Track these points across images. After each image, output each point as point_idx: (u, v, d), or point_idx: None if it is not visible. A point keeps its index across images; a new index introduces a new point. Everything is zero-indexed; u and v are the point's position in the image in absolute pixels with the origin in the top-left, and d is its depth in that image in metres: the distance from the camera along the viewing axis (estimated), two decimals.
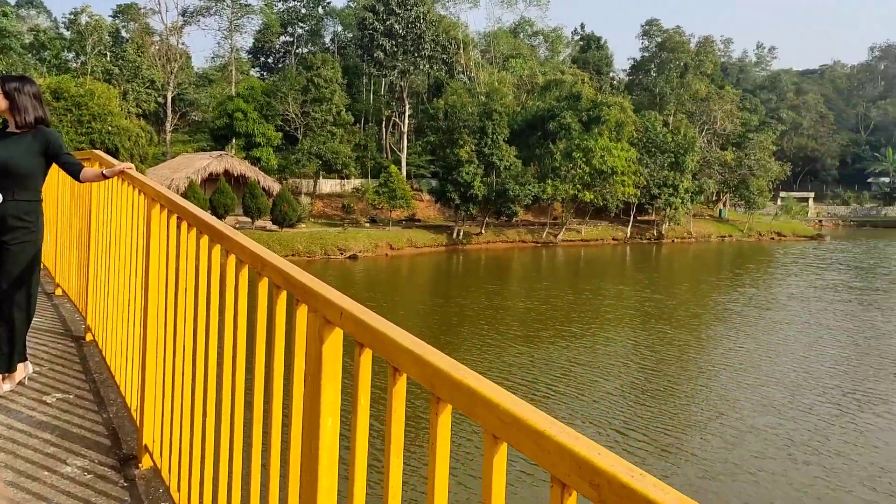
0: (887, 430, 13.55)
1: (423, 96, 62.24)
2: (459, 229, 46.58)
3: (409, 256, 41.32)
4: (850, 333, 22.29)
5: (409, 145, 55.93)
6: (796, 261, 43.73)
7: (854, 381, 16.77)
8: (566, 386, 16.01)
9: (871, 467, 11.82)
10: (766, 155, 62.10)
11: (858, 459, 12.12)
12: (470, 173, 44.34)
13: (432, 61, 55.85)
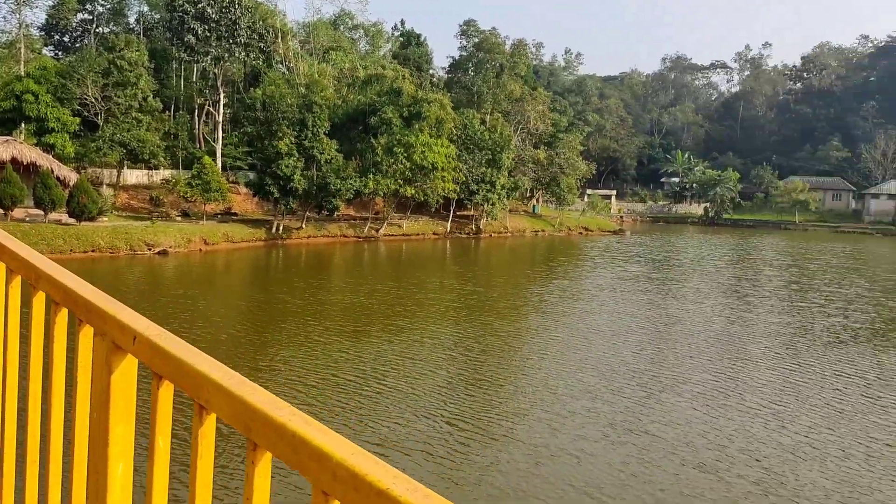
0: (689, 409, 14.58)
1: (239, 85, 59.73)
2: (279, 224, 45.18)
3: (225, 252, 39.42)
4: (652, 320, 23.97)
5: (224, 136, 53.43)
6: (602, 254, 46.65)
7: (657, 365, 17.98)
8: (396, 380, 15.83)
9: (678, 443, 12.64)
10: (575, 154, 65.85)
11: (665, 436, 12.91)
12: (290, 166, 43.09)
13: (248, 49, 53.68)
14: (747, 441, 12.82)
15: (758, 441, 12.83)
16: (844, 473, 11.55)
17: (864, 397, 15.83)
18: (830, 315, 25.94)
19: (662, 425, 13.52)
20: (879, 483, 11.26)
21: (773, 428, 13.55)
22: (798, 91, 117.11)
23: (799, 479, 11.27)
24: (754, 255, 51.10)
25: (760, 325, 23.66)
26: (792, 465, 11.79)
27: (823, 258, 50.29)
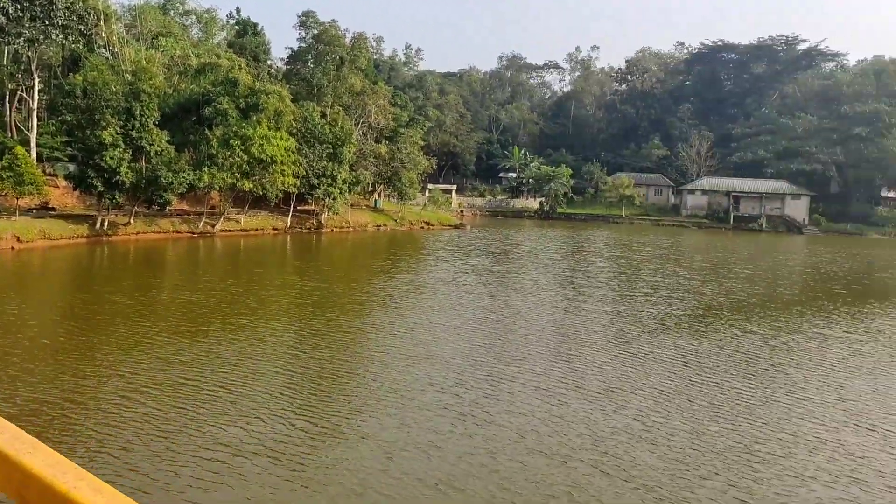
0: (533, 398, 14.96)
1: (56, 70, 54.95)
2: (104, 219, 42.04)
3: (42, 250, 36.15)
4: (494, 312, 24.51)
5: (40, 124, 48.93)
6: (444, 248, 47.32)
7: (502, 356, 18.36)
8: (238, 380, 15.08)
9: (524, 431, 12.92)
10: (416, 149, 66.39)
11: (512, 425, 13.15)
12: (115, 158, 40.17)
13: (67, 31, 49.39)
14: (586, 425, 13.34)
15: (596, 425, 13.38)
16: (672, 451, 12.27)
17: (686, 379, 16.97)
18: (656, 303, 27.72)
19: (508, 415, 13.78)
20: (703, 458, 12.04)
21: (609, 412, 14.18)
22: (623, 92, 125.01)
23: (634, 460, 11.83)
24: (587, 247, 53.84)
25: (595, 315, 24.85)
26: (626, 447, 12.36)
27: (647, 250, 53.88)
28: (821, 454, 12.40)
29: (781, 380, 17.24)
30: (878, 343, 22.44)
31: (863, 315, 27.71)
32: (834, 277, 41.86)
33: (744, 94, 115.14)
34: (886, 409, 15.32)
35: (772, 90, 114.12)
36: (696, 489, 10.85)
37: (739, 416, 14.28)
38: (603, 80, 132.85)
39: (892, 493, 10.92)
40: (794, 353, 20.33)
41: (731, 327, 23.68)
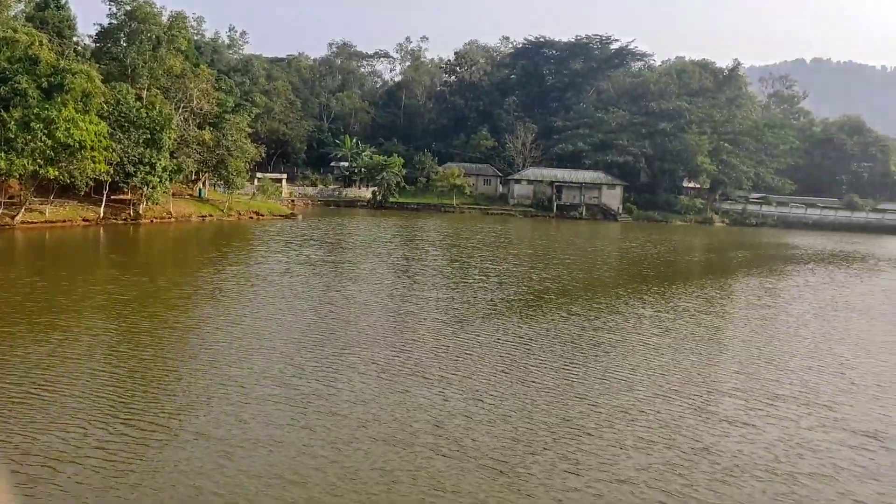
0: (374, 386, 14.79)
1: None
2: None
3: None
4: (332, 302, 24.06)
5: None
6: (276, 238, 45.95)
7: (341, 346, 18.03)
8: (50, 383, 13.67)
9: (366, 419, 12.74)
10: (243, 136, 63.83)
11: (353, 414, 12.93)
12: None
13: None
14: (426, 410, 13.36)
15: (435, 409, 13.44)
16: (507, 430, 12.57)
17: (518, 361, 17.50)
18: (488, 289, 28.45)
19: (350, 404, 13.52)
20: (535, 435, 12.42)
21: (448, 396, 14.31)
22: (453, 83, 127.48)
23: (473, 441, 11.99)
24: (420, 236, 54.40)
25: (430, 302, 25.07)
26: (465, 429, 12.51)
27: (478, 238, 55.35)
28: (638, 424, 13.21)
29: (603, 358, 18.24)
30: (684, 321, 24.36)
31: (671, 295, 30.02)
32: (645, 261, 45.13)
33: (564, 89, 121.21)
34: (689, 380, 16.61)
35: (588, 86, 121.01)
36: (530, 464, 11.18)
37: (567, 394, 14.92)
38: (433, 70, 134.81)
39: (700, 455, 11.81)
40: (613, 332, 21.59)
41: (557, 310, 24.76)
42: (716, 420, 13.72)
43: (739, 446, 12.39)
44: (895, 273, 46.67)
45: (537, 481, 10.65)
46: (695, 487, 10.66)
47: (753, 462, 11.71)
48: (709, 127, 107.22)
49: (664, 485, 10.67)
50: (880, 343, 22.25)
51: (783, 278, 39.83)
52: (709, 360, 18.99)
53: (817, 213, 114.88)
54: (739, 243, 67.97)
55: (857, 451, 12.38)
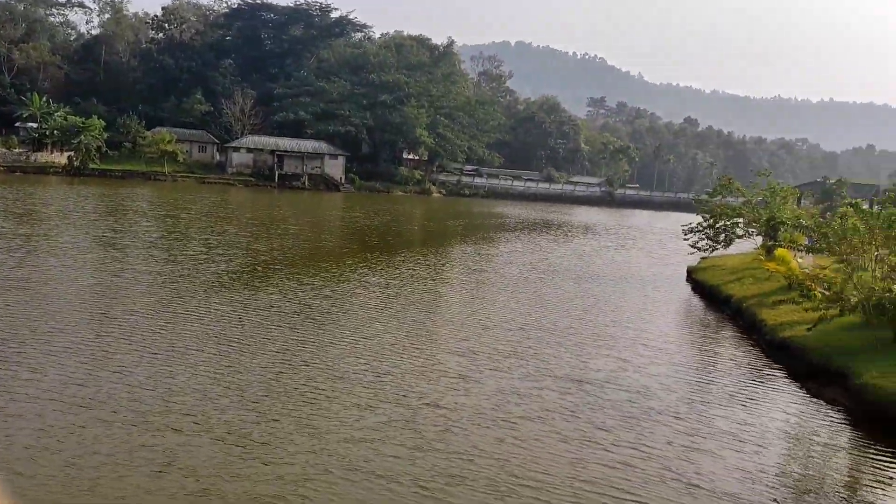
0: (86, 368, 13.11)
1: None
2: None
3: None
4: (23, 280, 21.00)
5: None
6: None
7: (34, 328, 15.79)
8: None
9: (84, 400, 11.22)
10: None
11: (67, 394, 11.34)
12: None
13: None
14: (158, 388, 12.14)
15: (162, 386, 12.28)
16: (248, 401, 11.91)
17: (251, 331, 16.72)
18: (212, 261, 26.91)
19: (64, 386, 11.82)
20: (275, 402, 11.92)
21: (179, 373, 13.16)
22: (161, 41, 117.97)
23: (207, 414, 11.15)
24: (128, 205, 49.95)
25: (147, 276, 23.04)
26: (201, 405, 11.64)
27: (195, 208, 52.27)
28: (374, 385, 13.33)
29: (336, 325, 18.13)
30: (411, 286, 25.17)
31: (397, 263, 30.88)
32: (370, 231, 46.01)
33: (284, 55, 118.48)
34: (418, 341, 17.18)
35: (309, 53, 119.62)
36: (273, 432, 10.73)
37: (302, 362, 14.57)
38: (138, 25, 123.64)
39: (430, 409, 12.19)
40: (345, 299, 21.60)
41: (287, 280, 24.17)
42: (442, 377, 14.27)
43: (464, 399, 13.01)
44: (584, 238, 52.70)
45: (275, 448, 10.22)
46: (426, 439, 10.95)
47: (476, 411, 12.35)
48: (426, 101, 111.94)
49: (399, 440, 10.84)
50: (577, 300, 24.88)
51: (496, 245, 42.99)
52: (434, 322, 19.76)
53: (522, 185, 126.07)
54: (455, 213, 72.24)
55: (562, 394, 13.63)
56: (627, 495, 9.49)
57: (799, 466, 11.18)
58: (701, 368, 16.78)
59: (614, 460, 10.62)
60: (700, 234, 35.98)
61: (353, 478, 9.56)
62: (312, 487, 9.22)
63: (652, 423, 12.32)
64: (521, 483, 9.72)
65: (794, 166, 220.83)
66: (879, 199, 18.34)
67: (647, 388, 14.45)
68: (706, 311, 25.15)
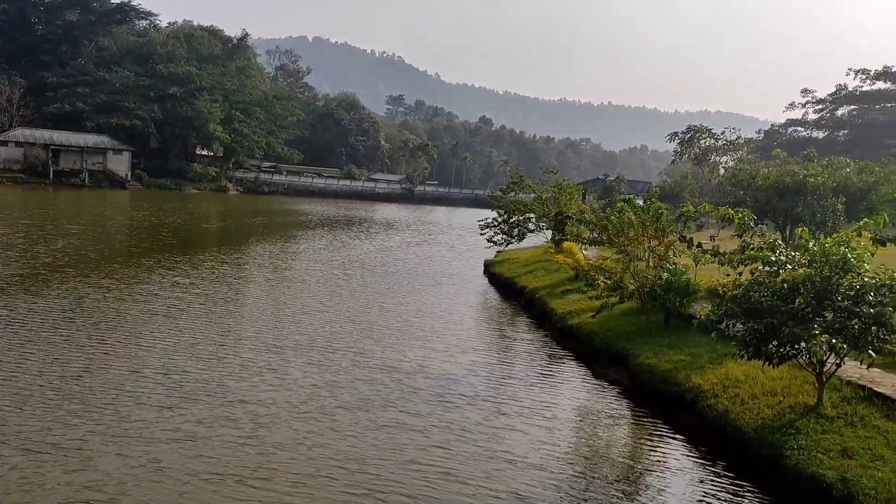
0: None
1: None
2: None
3: None
4: None
5: None
6: None
7: None
8: None
9: None
10: None
11: None
12: None
13: None
14: None
15: None
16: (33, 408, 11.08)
17: (37, 340, 15.46)
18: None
19: None
20: (69, 409, 11.20)
21: None
22: None
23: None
24: None
25: None
26: None
27: None
28: (185, 384, 12.88)
29: (146, 326, 17.22)
30: (219, 286, 24.42)
31: (199, 262, 29.73)
32: (165, 229, 43.71)
33: (58, 42, 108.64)
34: (226, 340, 16.83)
35: (87, 41, 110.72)
36: (62, 429, 10.06)
37: (110, 365, 13.74)
38: None
39: (238, 406, 12.08)
40: (150, 300, 20.52)
41: (79, 282, 22.50)
42: (253, 373, 14.13)
43: (274, 394, 12.99)
44: (387, 234, 53.66)
45: (80, 455, 9.62)
46: (243, 434, 10.84)
47: (292, 405, 12.43)
48: (220, 95, 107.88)
49: (215, 437, 10.60)
50: (381, 293, 25.46)
51: (299, 242, 42.60)
52: (241, 320, 19.38)
53: (323, 182, 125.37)
54: (255, 210, 70.42)
55: (373, 384, 14.03)
56: (446, 474, 10.08)
57: (588, 437, 12.40)
58: (499, 355, 17.92)
59: (430, 443, 11.19)
60: (495, 228, 37.95)
61: (170, 477, 9.30)
62: (130, 489, 8.85)
63: (461, 406, 13.05)
64: (344, 467, 9.98)
65: (579, 164, 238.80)
66: (649, 195, 20.58)
67: (453, 374, 15.21)
68: (502, 302, 26.71)
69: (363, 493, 9.36)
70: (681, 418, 12.84)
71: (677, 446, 11.93)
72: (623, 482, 10.38)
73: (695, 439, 12.09)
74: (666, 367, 14.18)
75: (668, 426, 12.78)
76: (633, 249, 18.40)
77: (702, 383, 12.91)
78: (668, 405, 13.38)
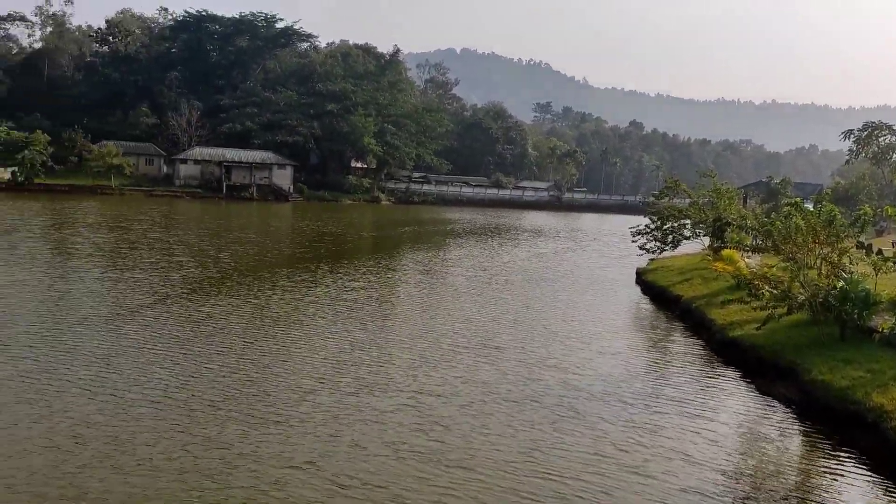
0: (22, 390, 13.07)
1: None
2: None
3: None
4: None
5: None
6: None
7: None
8: None
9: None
10: None
11: None
12: None
13: None
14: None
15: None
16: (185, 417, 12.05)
17: (238, 333, 16.77)
18: (179, 269, 26.73)
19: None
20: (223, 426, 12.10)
21: (131, 384, 13.19)
22: (105, 54, 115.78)
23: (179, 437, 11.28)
24: (78, 218, 48.99)
25: (121, 283, 22.83)
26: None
27: (147, 219, 51.52)
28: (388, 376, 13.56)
29: (348, 323, 18.30)
30: (383, 287, 25.47)
31: (362, 266, 31.12)
32: (327, 238, 46.13)
33: (230, 67, 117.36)
34: (415, 338, 17.49)
35: (255, 64, 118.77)
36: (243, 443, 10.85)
37: (315, 354, 14.70)
38: (81, 39, 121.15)
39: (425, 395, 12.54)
40: (323, 301, 21.73)
41: (262, 284, 24.36)
42: (432, 367, 14.61)
43: (462, 387, 13.35)
44: (536, 242, 53.63)
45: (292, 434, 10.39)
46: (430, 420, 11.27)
47: (469, 397, 12.77)
48: (374, 109, 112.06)
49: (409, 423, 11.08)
50: (546, 299, 25.53)
51: (451, 250, 43.54)
52: (413, 320, 20.14)
53: (471, 191, 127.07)
54: (406, 220, 72.54)
55: (544, 383, 14.09)
56: (629, 468, 10.07)
57: (754, 460, 11.80)
58: (657, 364, 17.51)
59: (607, 439, 11.16)
60: (648, 235, 37.00)
61: (378, 452, 9.87)
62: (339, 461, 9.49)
63: (617, 423, 12.86)
64: (530, 457, 10.25)
65: (738, 167, 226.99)
66: (819, 197, 19.37)
67: (613, 377, 15.23)
68: (656, 311, 26.01)
69: (540, 478, 9.97)
70: (858, 438, 12.01)
71: (855, 468, 11.18)
72: (796, 502, 9.88)
73: (875, 461, 11.27)
74: (843, 384, 13.27)
75: (845, 446, 11.99)
76: (803, 257, 17.39)
77: (885, 402, 11.98)
78: (843, 424, 12.53)
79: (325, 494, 9.40)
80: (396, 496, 9.42)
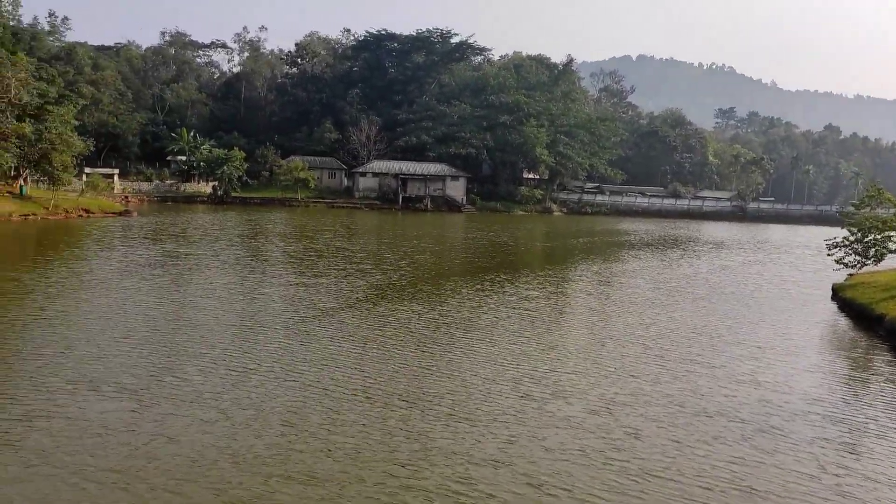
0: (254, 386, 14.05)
1: None
2: None
3: None
4: (181, 302, 22.70)
5: None
6: (108, 236, 42.91)
7: (182, 345, 17.02)
8: None
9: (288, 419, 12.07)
10: (68, 129, 59.18)
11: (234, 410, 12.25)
12: None
13: None
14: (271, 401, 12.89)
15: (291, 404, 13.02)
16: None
17: (429, 339, 17.32)
18: (367, 274, 28.07)
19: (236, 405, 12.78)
20: (435, 426, 12.36)
21: (380, 380, 13.88)
22: (294, 75, 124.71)
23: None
24: (269, 228, 52.83)
25: (321, 287, 24.34)
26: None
27: (330, 230, 54.58)
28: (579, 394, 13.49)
29: (535, 332, 18.49)
30: (561, 298, 25.27)
31: (537, 277, 31.06)
32: (501, 248, 46.55)
33: (406, 82, 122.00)
34: (596, 345, 17.24)
35: (430, 79, 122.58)
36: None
37: (524, 358, 14.95)
38: (274, 62, 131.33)
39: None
40: (504, 310, 21.95)
41: (440, 291, 25.09)
42: (623, 377, 14.29)
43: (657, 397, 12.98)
44: (718, 254, 50.92)
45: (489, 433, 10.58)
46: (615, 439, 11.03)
47: (661, 409, 12.33)
48: (546, 120, 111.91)
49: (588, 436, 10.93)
50: (733, 312, 24.19)
51: (628, 261, 42.38)
52: (598, 331, 19.81)
53: (646, 201, 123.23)
54: (579, 230, 71.59)
55: (737, 398, 13.31)
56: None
57: None
58: (854, 390, 15.97)
59: (809, 460, 10.39)
60: (847, 248, 34.07)
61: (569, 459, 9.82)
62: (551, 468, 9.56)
63: (818, 444, 11.90)
64: (728, 469, 10.15)
65: None
66: None
67: (810, 396, 14.10)
68: (856, 331, 23.78)
69: (737, 490, 9.64)
70: None
71: None
72: None
73: None
74: None
75: None
76: None
77: None
78: None
79: (517, 493, 9.61)
80: (586, 499, 9.45)
